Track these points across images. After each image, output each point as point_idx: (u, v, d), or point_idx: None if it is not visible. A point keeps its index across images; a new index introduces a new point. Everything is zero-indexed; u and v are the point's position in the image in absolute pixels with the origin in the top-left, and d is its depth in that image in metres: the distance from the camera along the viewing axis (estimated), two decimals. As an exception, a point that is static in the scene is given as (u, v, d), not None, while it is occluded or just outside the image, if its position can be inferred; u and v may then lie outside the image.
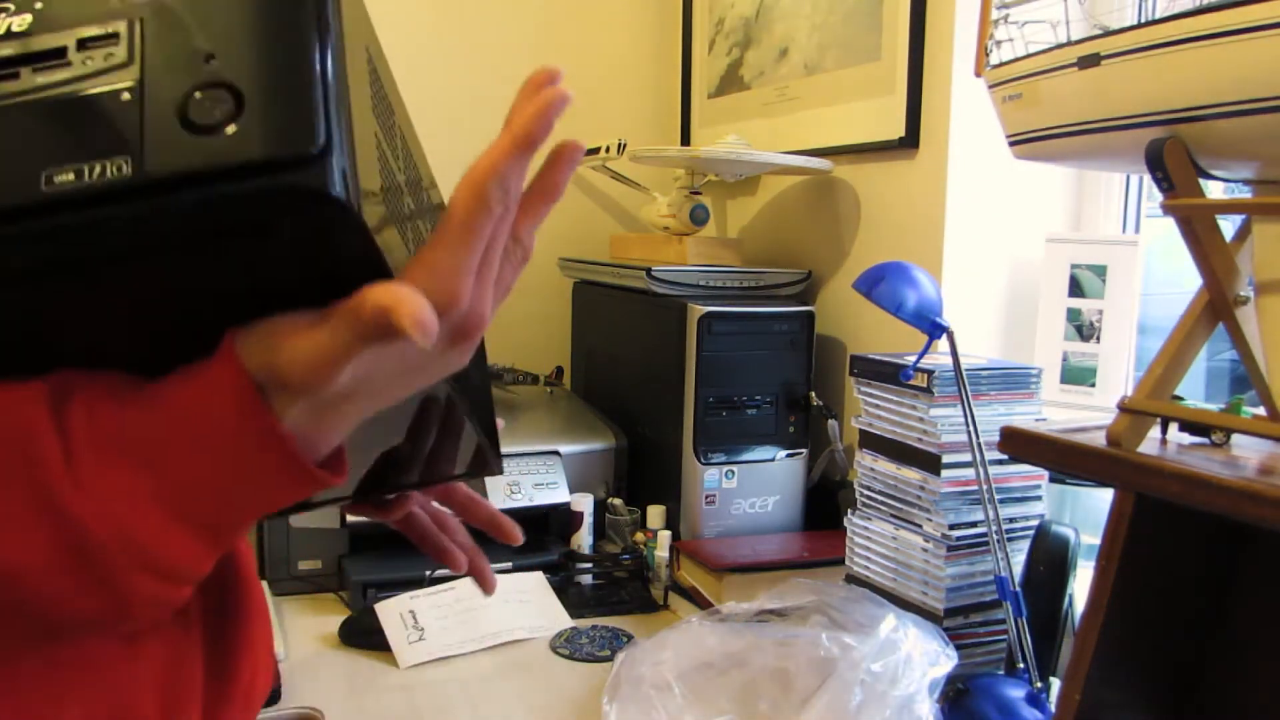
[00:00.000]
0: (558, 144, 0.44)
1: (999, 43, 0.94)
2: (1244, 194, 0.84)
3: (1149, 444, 0.82)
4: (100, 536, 0.36)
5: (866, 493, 1.31)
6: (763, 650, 1.08)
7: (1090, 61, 0.81)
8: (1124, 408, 0.82)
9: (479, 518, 0.66)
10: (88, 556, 0.36)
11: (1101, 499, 1.29)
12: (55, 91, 0.34)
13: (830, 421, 1.60)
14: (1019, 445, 0.89)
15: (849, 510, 1.34)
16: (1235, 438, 0.82)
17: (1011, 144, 0.94)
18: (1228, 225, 0.81)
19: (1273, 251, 0.77)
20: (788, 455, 1.60)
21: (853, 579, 1.33)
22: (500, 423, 0.65)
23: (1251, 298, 0.79)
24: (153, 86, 0.34)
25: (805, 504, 1.62)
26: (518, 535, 0.66)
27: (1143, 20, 0.77)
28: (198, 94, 0.33)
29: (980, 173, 1.47)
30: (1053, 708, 1.01)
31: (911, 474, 1.23)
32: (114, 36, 0.35)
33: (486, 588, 0.67)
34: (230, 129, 0.33)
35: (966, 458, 1.16)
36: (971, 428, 1.11)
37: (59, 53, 0.35)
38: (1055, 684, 1.09)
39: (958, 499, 1.19)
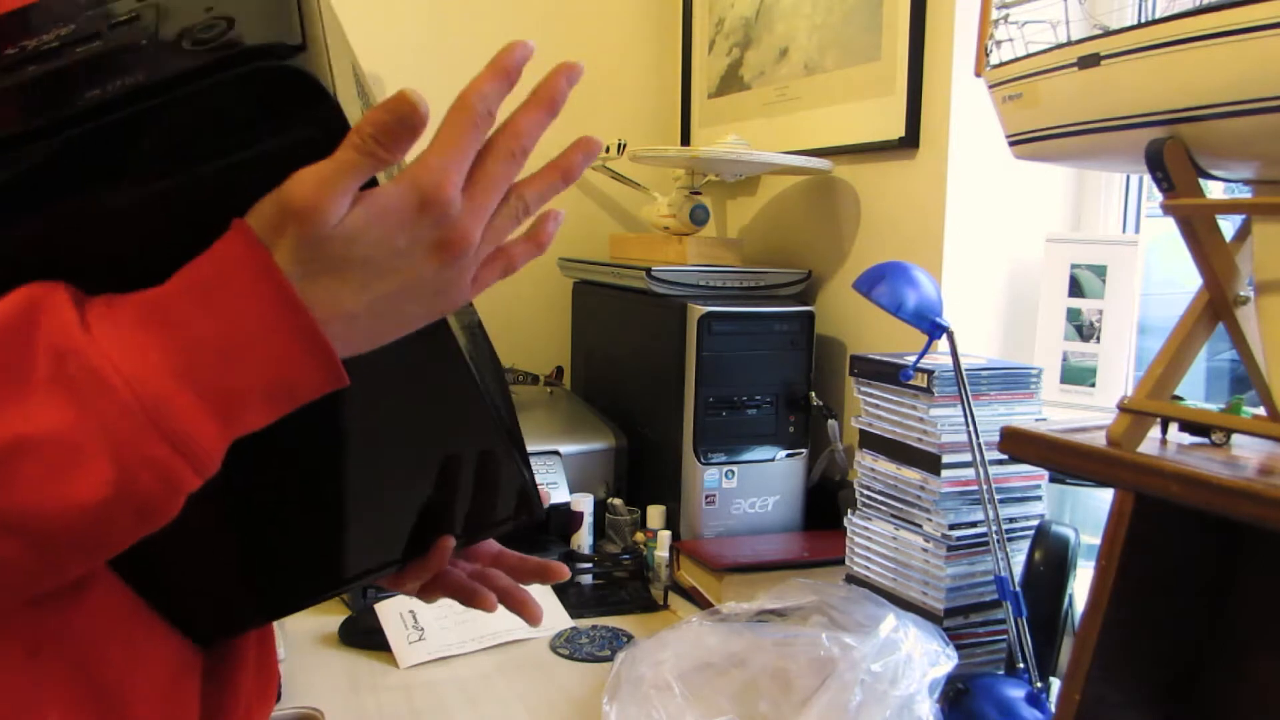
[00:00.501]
0: (580, 137, 0.50)
1: (999, 43, 0.94)
2: (1244, 194, 0.84)
3: (1149, 444, 0.82)
4: (118, 392, 0.37)
5: (866, 493, 1.31)
6: (763, 650, 1.08)
7: (1090, 61, 0.81)
8: (1124, 408, 0.82)
9: (530, 571, 0.69)
10: (104, 420, 0.37)
11: (1101, 499, 1.29)
12: (93, 50, 0.42)
13: (830, 421, 1.60)
14: (1019, 445, 0.89)
15: (849, 510, 1.34)
16: (1235, 438, 0.82)
17: (1011, 144, 0.94)
18: (1228, 225, 0.81)
19: (1273, 251, 0.77)
20: (788, 455, 1.60)
21: (853, 579, 1.33)
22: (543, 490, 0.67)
23: (1251, 298, 0.79)
24: (163, 29, 0.42)
25: (805, 504, 1.62)
26: (565, 571, 0.70)
27: (1143, 20, 0.77)
28: (198, 25, 0.41)
29: (980, 173, 1.47)
30: (1053, 708, 1.01)
31: (911, 474, 1.23)
32: (136, 17, 0.43)
33: (533, 619, 0.69)
34: (223, 38, 0.40)
35: (966, 458, 1.16)
36: (971, 428, 1.11)
37: (93, 36, 0.43)
38: (1055, 684, 1.09)
39: (958, 499, 1.19)
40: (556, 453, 1.59)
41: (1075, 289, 1.39)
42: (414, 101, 0.40)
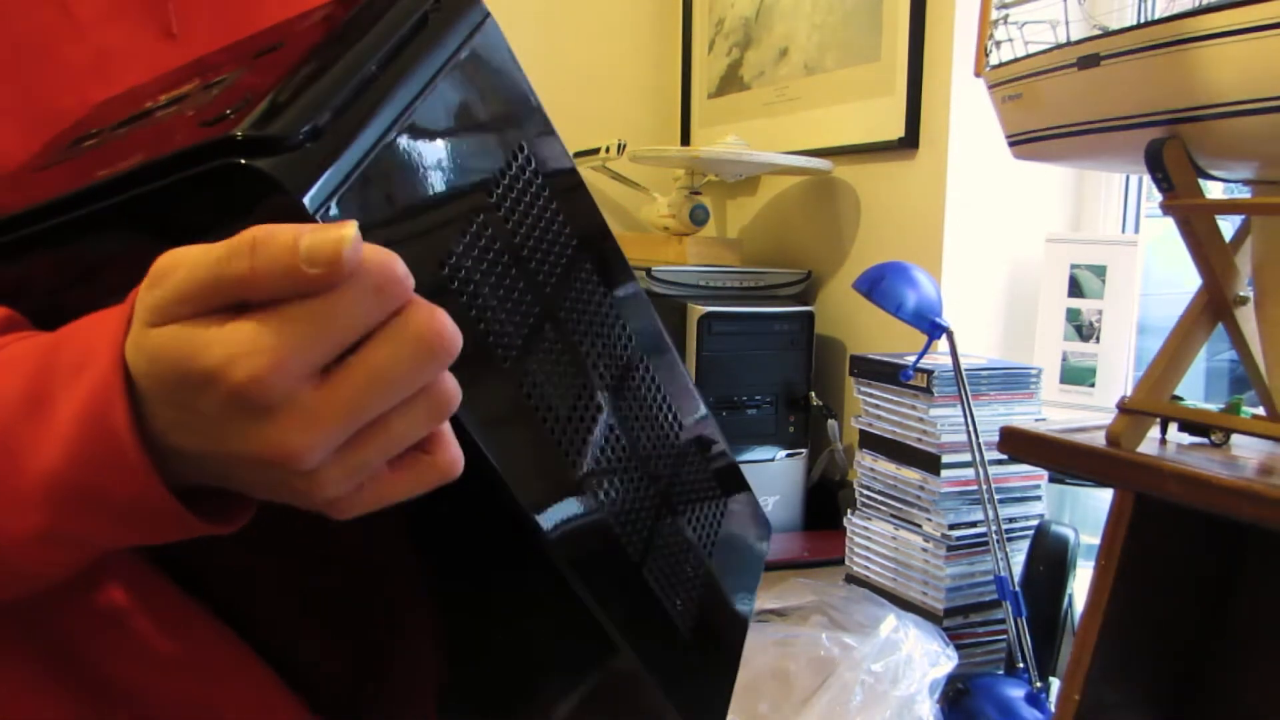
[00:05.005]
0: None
1: (999, 43, 0.94)
2: (1244, 194, 0.84)
3: (1149, 444, 0.82)
4: None
5: (866, 493, 1.31)
6: (763, 650, 1.08)
7: (1090, 62, 0.81)
8: (1124, 408, 0.82)
9: None
10: None
11: (1101, 499, 1.29)
12: (154, 122, 0.39)
13: (830, 421, 1.60)
14: (1018, 445, 0.89)
15: (849, 510, 1.34)
16: (1235, 438, 0.82)
17: (1011, 144, 0.95)
18: (1228, 225, 0.81)
19: (1272, 252, 0.77)
20: (788, 455, 1.60)
21: (853, 579, 1.33)
22: None
23: (1251, 298, 0.79)
24: (211, 104, 0.36)
25: (805, 504, 1.62)
26: None
27: (1142, 20, 0.78)
28: (233, 102, 0.34)
29: (980, 173, 1.47)
30: (1052, 708, 1.01)
31: (911, 474, 1.23)
32: (222, 81, 0.39)
33: None
34: (230, 117, 0.33)
35: (966, 458, 1.16)
36: (971, 428, 1.11)
37: (183, 98, 0.39)
38: (1055, 684, 1.09)
39: (957, 499, 1.19)
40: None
41: (1075, 289, 1.39)
42: (343, 248, 0.29)
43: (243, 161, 0.31)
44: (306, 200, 0.31)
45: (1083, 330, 1.38)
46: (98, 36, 0.46)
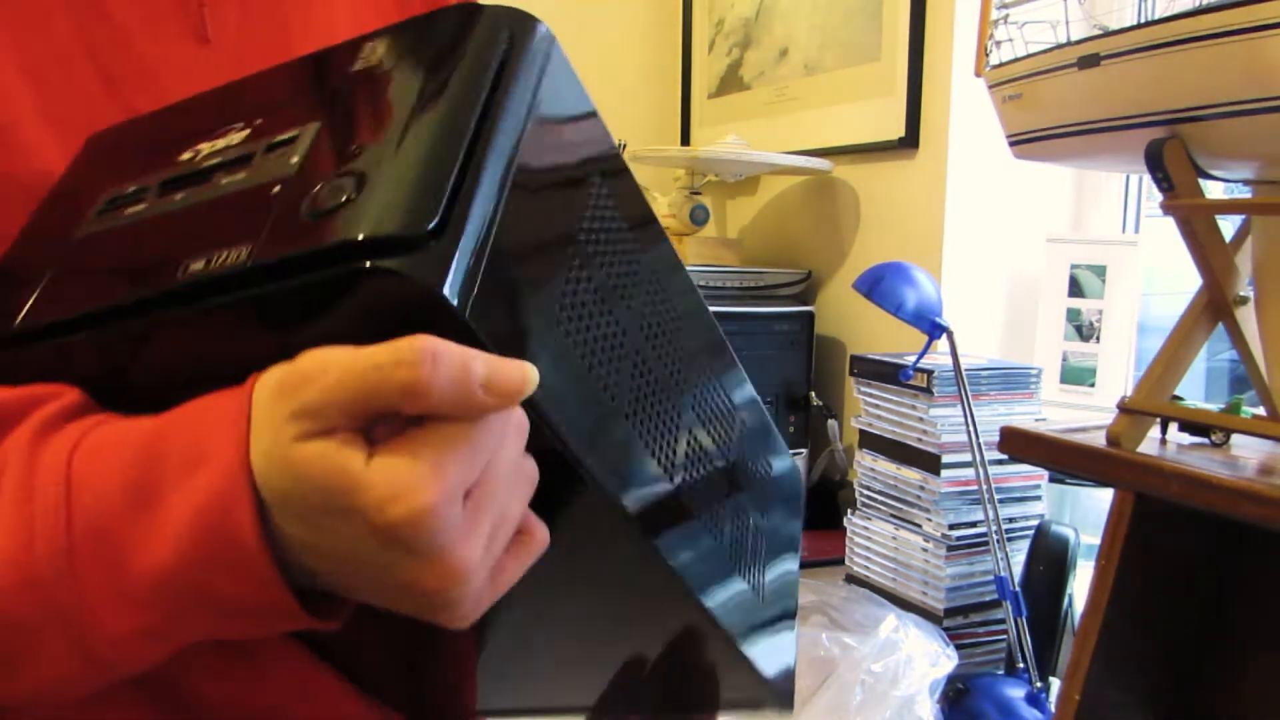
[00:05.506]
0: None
1: (999, 43, 0.94)
2: (1244, 194, 0.84)
3: (1149, 444, 0.82)
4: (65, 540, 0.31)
5: (866, 493, 1.31)
6: (763, 650, 1.08)
7: (1090, 62, 0.81)
8: (1124, 408, 0.82)
9: None
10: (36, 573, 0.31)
11: (1101, 499, 1.29)
12: (223, 190, 0.36)
13: (830, 421, 1.60)
14: (1019, 445, 0.89)
15: (849, 510, 1.34)
16: (1235, 438, 0.82)
17: (1012, 144, 0.95)
18: (1228, 225, 0.81)
19: (1273, 251, 0.77)
20: (788, 455, 1.59)
21: (853, 579, 1.33)
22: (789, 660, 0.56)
23: (1251, 298, 0.79)
24: (299, 178, 0.34)
25: (805, 504, 1.62)
26: None
27: (1143, 20, 0.78)
28: (329, 182, 0.32)
29: (980, 173, 1.47)
30: (1053, 708, 1.01)
31: (911, 474, 1.23)
32: (293, 140, 0.35)
33: None
34: (345, 210, 0.31)
35: (966, 458, 1.16)
36: (971, 428, 1.11)
37: (245, 159, 0.36)
38: (1055, 684, 1.09)
39: (957, 499, 1.19)
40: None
41: (1075, 289, 1.39)
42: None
43: (383, 265, 0.29)
44: (454, 300, 0.30)
45: (1083, 330, 1.38)
46: (138, 43, 0.46)
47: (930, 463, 1.19)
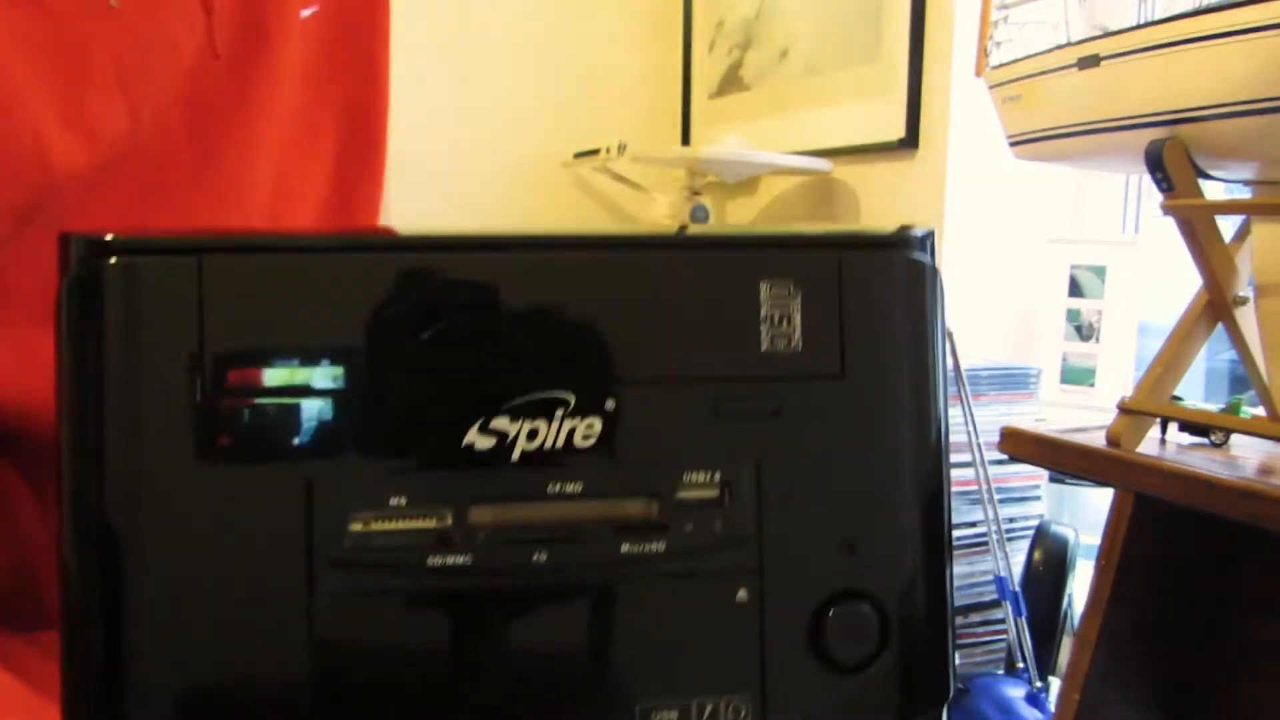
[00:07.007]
0: None
1: (999, 43, 0.94)
2: (1244, 194, 0.84)
3: (1149, 444, 0.82)
4: None
5: (866, 493, 1.31)
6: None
7: (1090, 62, 0.81)
8: (1124, 408, 0.82)
9: None
10: None
11: (1101, 499, 1.29)
12: (652, 576, 0.25)
13: (830, 422, 1.60)
14: (1018, 445, 0.89)
15: (849, 510, 1.34)
16: (1235, 438, 0.82)
17: (1012, 144, 0.95)
18: (1227, 225, 0.81)
19: (1272, 251, 0.77)
20: (788, 455, 1.59)
21: (853, 579, 1.33)
22: None
23: (1251, 298, 0.79)
24: (774, 584, 0.25)
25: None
26: None
27: (1143, 21, 0.78)
28: (834, 610, 0.25)
29: (980, 173, 1.47)
30: (1052, 708, 1.01)
31: (911, 474, 1.23)
32: (714, 502, 0.25)
33: None
34: (869, 670, 0.25)
35: (966, 458, 1.16)
36: (971, 428, 1.11)
37: (661, 527, 0.25)
38: (1055, 684, 1.09)
39: (957, 499, 1.19)
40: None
41: (1075, 289, 1.39)
42: None
43: None
44: None
45: (1083, 330, 1.38)
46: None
47: (930, 463, 1.19)
